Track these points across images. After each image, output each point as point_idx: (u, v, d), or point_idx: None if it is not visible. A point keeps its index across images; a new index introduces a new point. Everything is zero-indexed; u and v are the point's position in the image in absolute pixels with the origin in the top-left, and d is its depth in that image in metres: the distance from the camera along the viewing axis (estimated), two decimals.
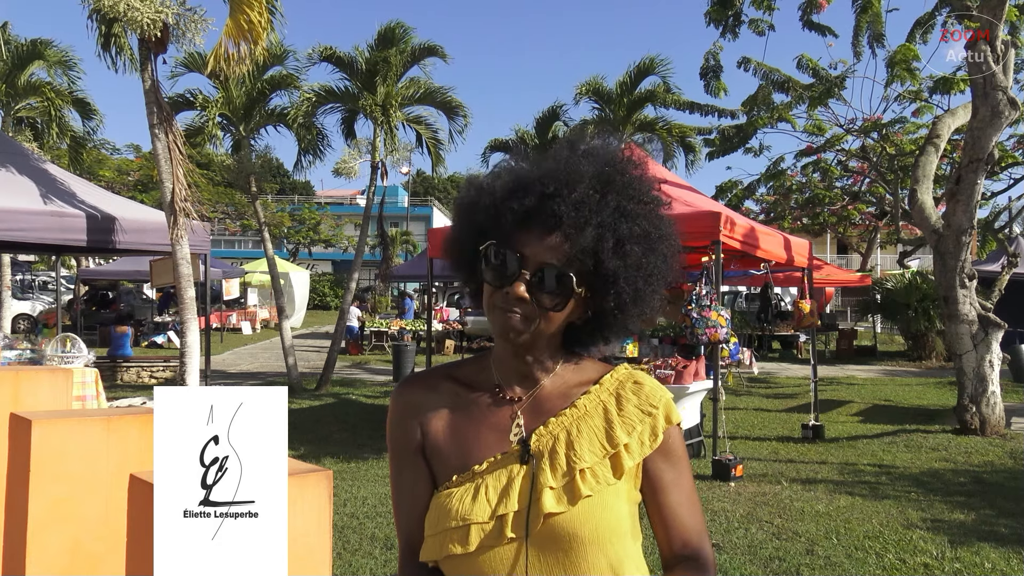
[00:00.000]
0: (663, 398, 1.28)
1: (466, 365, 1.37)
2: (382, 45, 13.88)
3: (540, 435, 1.24)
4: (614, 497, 1.20)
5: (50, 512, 1.31)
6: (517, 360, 1.28)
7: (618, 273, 1.19)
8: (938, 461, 7.99)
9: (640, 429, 1.24)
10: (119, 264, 21.56)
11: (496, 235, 1.21)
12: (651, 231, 1.22)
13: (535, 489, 1.18)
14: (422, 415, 1.30)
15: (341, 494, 6.38)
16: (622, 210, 1.20)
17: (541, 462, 1.20)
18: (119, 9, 8.13)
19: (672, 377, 7.70)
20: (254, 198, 14.85)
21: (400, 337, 20.20)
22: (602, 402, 1.26)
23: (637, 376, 1.31)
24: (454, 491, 1.22)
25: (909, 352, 20.25)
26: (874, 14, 13.01)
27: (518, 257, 1.19)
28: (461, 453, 1.25)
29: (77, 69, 16.34)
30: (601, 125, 18.00)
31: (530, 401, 1.28)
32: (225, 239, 47.31)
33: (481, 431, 1.26)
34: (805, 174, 22.93)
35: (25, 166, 9.41)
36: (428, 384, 1.34)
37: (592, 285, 1.21)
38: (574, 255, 1.17)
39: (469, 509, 1.18)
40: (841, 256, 39.73)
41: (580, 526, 1.16)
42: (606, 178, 1.21)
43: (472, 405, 1.29)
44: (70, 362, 7.54)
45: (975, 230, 9.48)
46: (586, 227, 1.16)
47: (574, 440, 1.22)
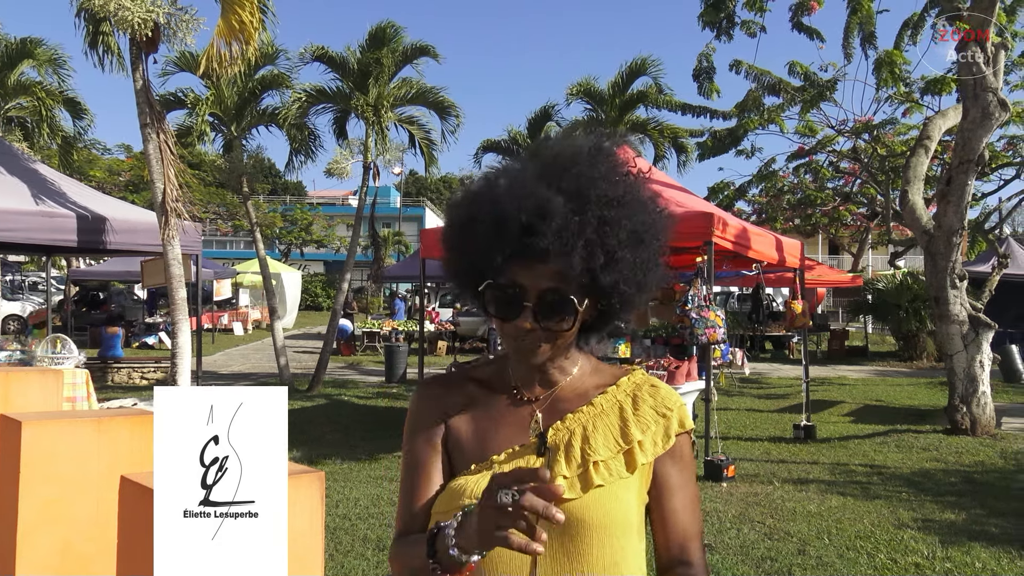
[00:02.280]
0: (678, 403, 1.32)
1: (484, 367, 1.40)
2: (374, 45, 13.86)
3: (557, 429, 1.27)
4: (624, 490, 1.23)
5: (40, 513, 1.31)
6: (535, 369, 1.32)
7: (615, 280, 1.20)
8: (929, 461, 8.02)
9: (654, 429, 1.28)
10: (110, 265, 21.45)
11: (491, 273, 1.22)
12: (637, 227, 1.21)
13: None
14: (445, 410, 1.34)
15: (333, 495, 6.36)
16: (604, 220, 1.18)
17: (557, 454, 1.24)
18: (109, 8, 8.09)
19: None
20: (246, 198, 14.80)
21: (392, 338, 20.18)
22: (619, 402, 1.30)
23: (654, 381, 1.35)
24: (471, 477, 1.25)
25: (900, 352, 20.33)
26: (865, 15, 13.06)
27: (516, 291, 1.20)
28: (480, 446, 1.29)
29: (67, 68, 16.26)
30: (593, 126, 18.04)
31: (548, 400, 1.31)
32: (217, 240, 47.16)
33: (500, 426, 1.30)
34: (797, 175, 23.03)
35: (15, 166, 9.35)
36: (449, 384, 1.38)
37: (594, 293, 1.23)
38: (569, 276, 1.18)
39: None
40: (833, 257, 39.90)
41: (588, 513, 1.19)
42: (580, 195, 1.18)
43: (492, 403, 1.33)
44: (60, 363, 7.49)
45: (965, 231, 9.51)
46: (572, 253, 1.15)
47: (590, 435, 1.26)
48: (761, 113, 14.96)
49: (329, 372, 14.85)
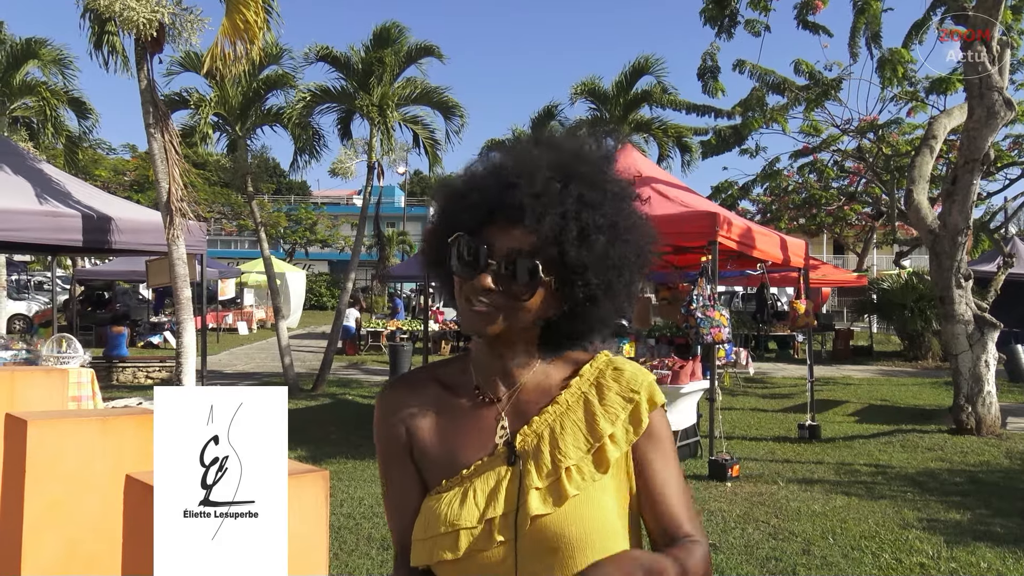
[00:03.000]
0: (644, 380, 1.26)
1: (448, 366, 1.36)
2: (378, 45, 13.87)
3: (525, 435, 1.23)
4: (601, 493, 1.18)
5: (46, 512, 1.31)
6: (496, 359, 1.28)
7: (584, 263, 1.17)
8: (934, 461, 8.00)
9: (623, 417, 1.23)
10: (115, 264, 21.50)
11: (464, 229, 1.20)
12: (618, 221, 1.20)
13: (522, 490, 1.17)
14: (408, 417, 1.29)
15: (338, 494, 6.37)
16: (585, 200, 1.17)
17: (527, 463, 1.19)
18: (115, 9, 8.11)
19: (668, 377, 7.71)
20: (250, 198, 14.82)
21: (395, 338, 20.20)
22: (583, 394, 1.25)
23: (616, 362, 1.29)
24: (443, 496, 1.21)
25: (905, 352, 20.28)
26: (872, 15, 13.03)
27: (485, 248, 1.18)
28: (448, 457, 1.25)
29: (72, 68, 16.33)
30: (597, 125, 18.00)
31: (512, 401, 1.27)
32: (221, 239, 47.30)
33: (467, 434, 1.26)
34: (801, 175, 22.98)
35: (21, 166, 9.38)
36: (413, 386, 1.33)
37: (561, 276, 1.19)
38: (540, 245, 1.16)
39: (457, 514, 1.17)
40: (837, 256, 39.79)
41: (568, 527, 1.15)
42: (568, 167, 1.19)
43: (456, 408, 1.28)
44: (66, 362, 7.51)
45: (971, 230, 9.48)
46: (546, 216, 1.15)
47: (558, 437, 1.21)
48: (764, 112, 14.92)
49: (333, 371, 14.87)
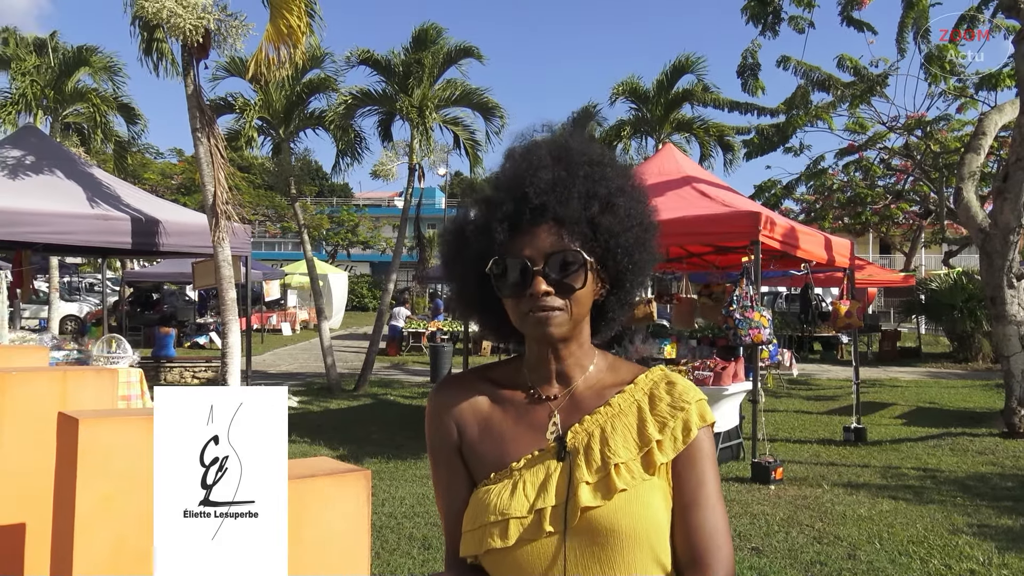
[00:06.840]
0: (696, 397, 1.28)
1: (500, 367, 1.38)
2: (417, 47, 13.96)
3: (576, 432, 1.25)
4: (649, 492, 1.20)
5: (97, 508, 1.34)
6: (551, 361, 1.30)
7: (615, 228, 1.23)
8: (985, 465, 7.81)
9: (672, 425, 1.24)
10: (163, 266, 21.95)
11: (493, 253, 1.24)
12: (624, 183, 1.27)
13: (572, 484, 1.19)
14: (458, 415, 1.32)
15: (379, 494, 6.43)
16: (592, 176, 1.24)
17: (577, 458, 1.21)
18: (162, 16, 8.29)
19: (711, 379, 7.63)
20: (293, 200, 15.03)
21: (436, 338, 20.30)
22: (636, 401, 1.27)
23: (671, 377, 1.31)
24: (492, 487, 1.23)
25: (954, 354, 19.82)
26: (920, 10, 12.77)
27: (524, 259, 1.21)
28: (498, 451, 1.27)
29: (122, 75, 16.71)
30: (638, 126, 17.90)
31: (565, 400, 1.29)
32: (265, 241, 47.95)
33: (518, 430, 1.28)
34: (847, 173, 22.60)
35: (72, 171, 9.64)
36: (464, 385, 1.35)
37: (599, 254, 1.24)
38: (571, 231, 1.22)
39: (507, 504, 1.19)
40: (884, 256, 39.03)
41: (618, 519, 1.16)
42: (564, 155, 1.26)
43: (508, 405, 1.31)
44: (115, 362, 7.69)
45: (1023, 229, 9.26)
46: (569, 200, 1.21)
47: (608, 437, 1.23)
48: (809, 110, 14.70)
49: (375, 372, 15.00)
